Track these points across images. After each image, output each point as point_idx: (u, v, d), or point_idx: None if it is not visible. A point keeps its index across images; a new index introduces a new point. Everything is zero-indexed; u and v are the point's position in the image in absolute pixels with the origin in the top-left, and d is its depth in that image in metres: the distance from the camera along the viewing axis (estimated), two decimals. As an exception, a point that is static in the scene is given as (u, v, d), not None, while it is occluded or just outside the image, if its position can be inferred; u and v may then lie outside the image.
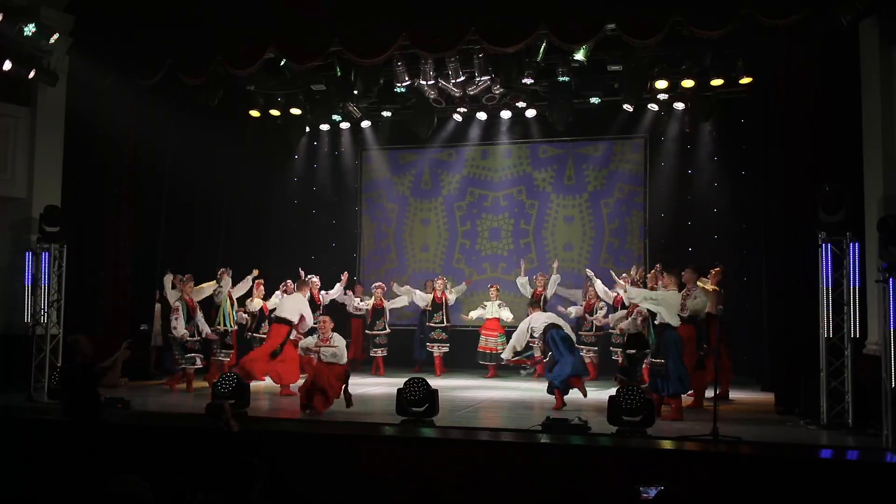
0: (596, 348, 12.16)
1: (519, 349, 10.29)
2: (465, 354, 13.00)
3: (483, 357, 12.58)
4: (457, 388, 11.02)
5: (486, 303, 12.87)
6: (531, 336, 10.18)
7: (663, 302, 8.75)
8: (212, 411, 6.56)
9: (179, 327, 10.60)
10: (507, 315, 12.59)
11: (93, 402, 6.75)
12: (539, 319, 9.86)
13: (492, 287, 13.00)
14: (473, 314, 12.74)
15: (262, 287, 12.17)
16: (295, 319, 10.79)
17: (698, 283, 9.15)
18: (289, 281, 12.11)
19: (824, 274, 8.15)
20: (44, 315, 10.08)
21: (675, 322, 8.70)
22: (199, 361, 10.81)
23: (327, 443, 7.46)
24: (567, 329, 9.80)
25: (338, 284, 12.87)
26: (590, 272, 11.79)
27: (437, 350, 12.89)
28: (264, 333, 11.47)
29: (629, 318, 9.64)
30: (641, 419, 7.43)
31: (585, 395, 9.46)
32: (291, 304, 10.94)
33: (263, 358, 10.64)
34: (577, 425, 7.54)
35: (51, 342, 10.17)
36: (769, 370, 10.40)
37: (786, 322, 9.10)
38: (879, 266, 7.42)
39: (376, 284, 13.35)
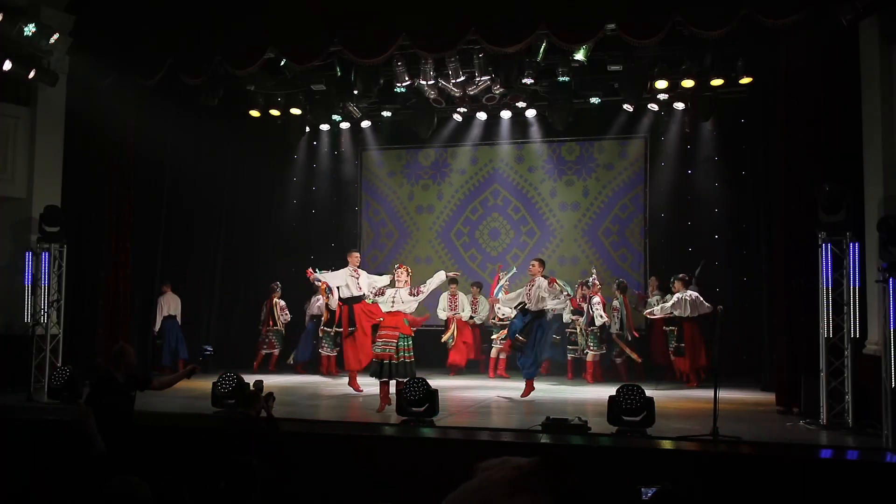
0: (604, 347, 12.08)
1: None
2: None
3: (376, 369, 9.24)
4: (457, 388, 11.02)
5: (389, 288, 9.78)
6: None
7: None
8: (245, 399, 6.63)
9: None
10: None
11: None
12: None
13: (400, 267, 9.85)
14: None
15: None
16: None
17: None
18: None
19: (824, 274, 8.15)
20: (44, 315, 10.09)
21: None
22: None
23: (327, 443, 7.46)
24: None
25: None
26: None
27: None
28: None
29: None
30: (641, 419, 7.43)
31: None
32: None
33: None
34: (577, 425, 7.53)
35: (51, 342, 10.18)
36: (769, 370, 10.41)
37: (786, 322, 9.10)
38: (879, 266, 7.42)
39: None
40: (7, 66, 9.74)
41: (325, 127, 14.32)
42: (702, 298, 11.18)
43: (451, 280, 12.32)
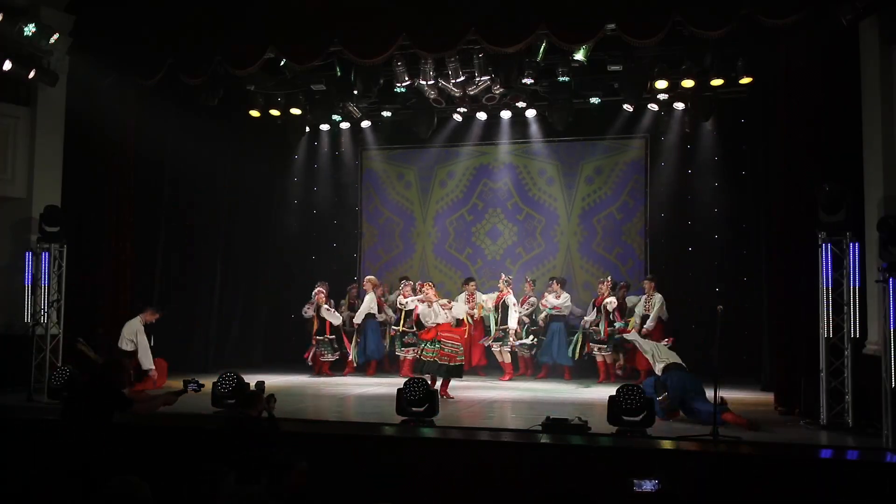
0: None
1: None
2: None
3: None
4: (456, 389, 11.01)
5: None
6: None
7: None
8: (247, 400, 6.65)
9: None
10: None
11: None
12: None
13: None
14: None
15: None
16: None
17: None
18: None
19: (824, 274, 8.15)
20: (44, 315, 10.09)
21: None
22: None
23: (327, 443, 7.47)
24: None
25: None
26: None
27: (409, 354, 12.25)
28: None
29: None
30: (641, 419, 7.44)
31: None
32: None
33: None
34: (577, 425, 7.53)
35: (51, 342, 10.18)
36: (769, 370, 10.41)
37: (786, 322, 9.10)
38: (879, 266, 7.43)
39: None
40: (7, 66, 9.74)
41: (325, 127, 14.31)
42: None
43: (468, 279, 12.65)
